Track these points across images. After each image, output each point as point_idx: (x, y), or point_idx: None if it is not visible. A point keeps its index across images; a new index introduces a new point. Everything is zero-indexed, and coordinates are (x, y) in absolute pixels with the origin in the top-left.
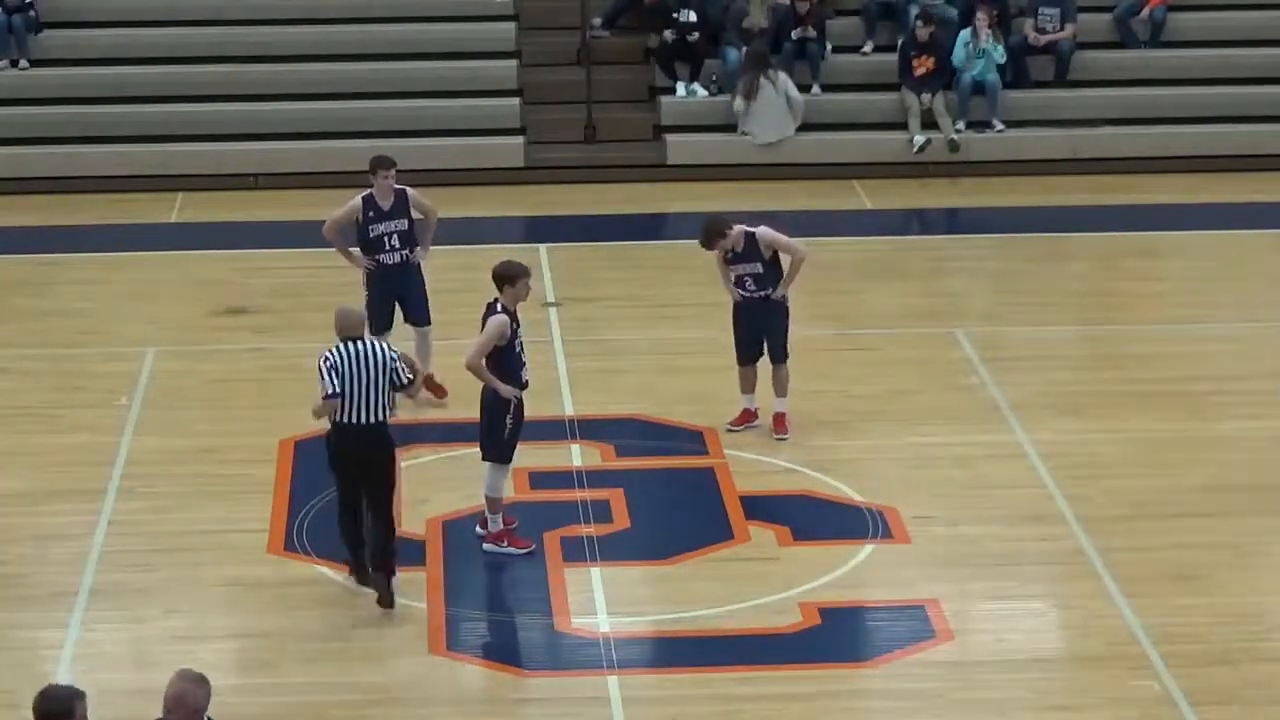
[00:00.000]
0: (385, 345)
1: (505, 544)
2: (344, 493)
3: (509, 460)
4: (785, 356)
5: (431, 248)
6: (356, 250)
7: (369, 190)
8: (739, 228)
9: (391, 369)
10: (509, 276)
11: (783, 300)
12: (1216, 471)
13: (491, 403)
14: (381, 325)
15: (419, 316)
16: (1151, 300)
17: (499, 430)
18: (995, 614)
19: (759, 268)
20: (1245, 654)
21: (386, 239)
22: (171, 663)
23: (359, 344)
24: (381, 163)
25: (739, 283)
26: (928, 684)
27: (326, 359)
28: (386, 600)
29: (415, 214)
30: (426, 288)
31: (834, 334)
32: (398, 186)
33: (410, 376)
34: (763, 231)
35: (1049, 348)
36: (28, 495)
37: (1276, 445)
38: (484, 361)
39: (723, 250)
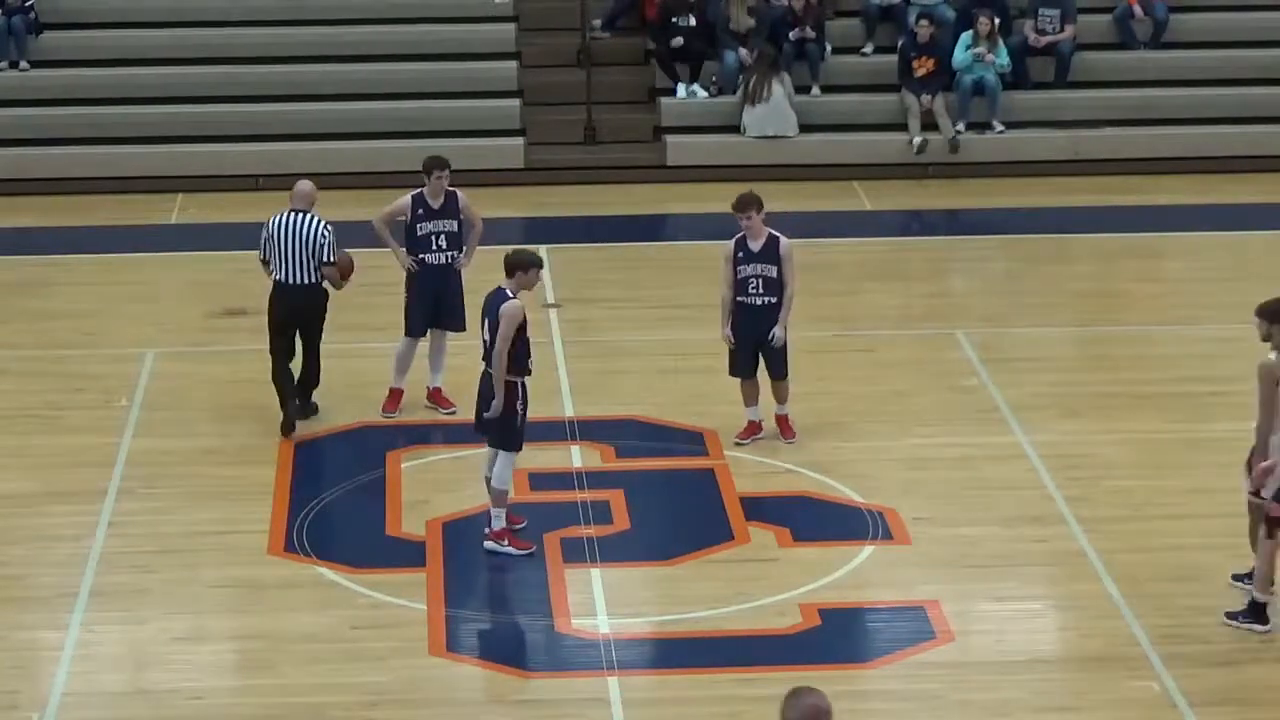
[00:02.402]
0: (318, 222)
1: (506, 543)
2: (277, 342)
3: (520, 448)
4: (785, 373)
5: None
6: (403, 250)
7: (420, 189)
8: (764, 227)
9: (318, 244)
10: (522, 264)
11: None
12: (1216, 472)
13: (502, 393)
14: (418, 328)
15: (454, 322)
16: (1152, 301)
17: (512, 418)
18: (995, 615)
19: (773, 272)
20: (1245, 654)
21: (434, 239)
22: (171, 663)
23: (296, 215)
24: (436, 163)
25: (743, 286)
26: (928, 684)
27: (265, 227)
28: (293, 419)
29: (463, 217)
30: (464, 295)
31: (834, 334)
32: (450, 188)
33: (334, 258)
34: (787, 243)
35: (1049, 348)
36: (28, 496)
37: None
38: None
39: (736, 248)
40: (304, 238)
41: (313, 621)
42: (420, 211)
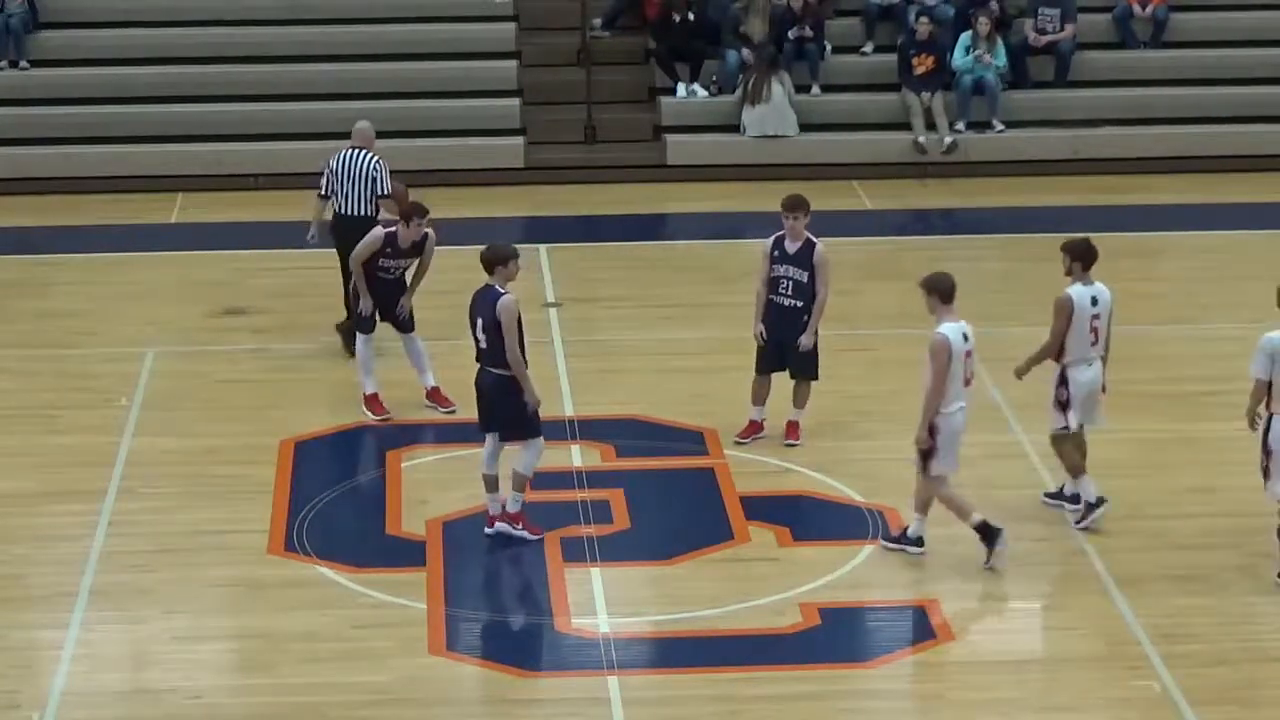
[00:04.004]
0: (373, 159)
1: (520, 526)
2: (343, 267)
3: (541, 432)
4: (815, 376)
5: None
6: (370, 302)
7: (394, 229)
8: (805, 232)
9: (372, 178)
10: (501, 259)
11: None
12: (1216, 472)
13: (498, 386)
14: (370, 325)
15: (404, 322)
16: (1151, 300)
17: (520, 408)
18: (995, 614)
19: (804, 277)
20: (1245, 654)
21: (392, 270)
22: (171, 662)
23: (353, 152)
24: (417, 211)
25: (774, 285)
26: (928, 684)
27: (328, 162)
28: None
29: (425, 253)
30: (411, 295)
31: (834, 334)
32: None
33: (389, 190)
34: (823, 249)
35: None
36: (28, 495)
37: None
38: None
39: (774, 247)
40: (360, 172)
41: (313, 621)
42: (389, 250)
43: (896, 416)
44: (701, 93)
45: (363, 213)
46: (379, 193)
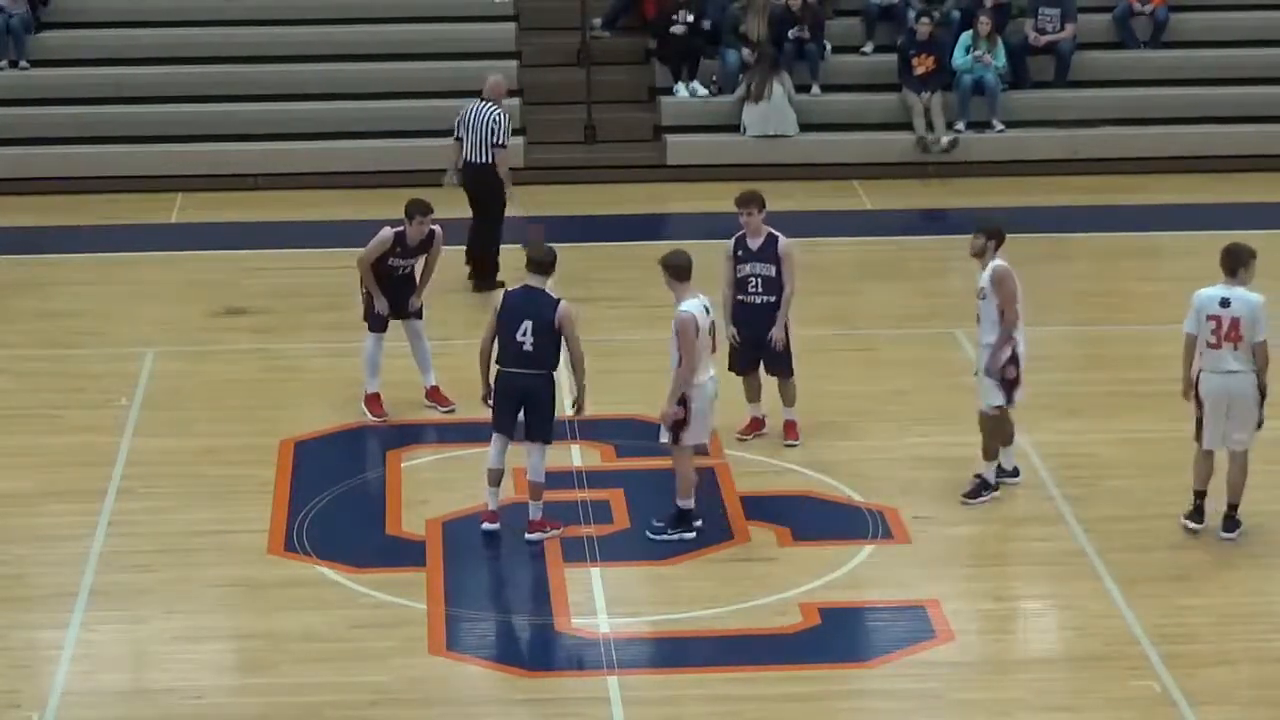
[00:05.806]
0: (495, 110)
1: (548, 529)
2: (472, 208)
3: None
4: (790, 373)
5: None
6: (384, 299)
7: (402, 228)
8: (765, 226)
9: (490, 129)
10: (549, 265)
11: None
12: (1215, 472)
13: (542, 387)
14: (382, 323)
15: (410, 309)
16: (1151, 300)
17: (553, 410)
18: (995, 614)
19: (771, 271)
20: (1245, 654)
21: (401, 268)
22: (171, 662)
23: (482, 104)
24: (419, 209)
25: (743, 285)
26: (928, 684)
27: (460, 111)
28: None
29: (433, 251)
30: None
31: (834, 334)
32: (432, 226)
33: (505, 142)
34: (787, 243)
35: (1049, 348)
36: (28, 495)
37: (1275, 446)
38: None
39: (736, 246)
40: (482, 122)
41: (313, 621)
42: (398, 249)
43: (896, 416)
44: (701, 91)
45: (486, 160)
46: (496, 141)
